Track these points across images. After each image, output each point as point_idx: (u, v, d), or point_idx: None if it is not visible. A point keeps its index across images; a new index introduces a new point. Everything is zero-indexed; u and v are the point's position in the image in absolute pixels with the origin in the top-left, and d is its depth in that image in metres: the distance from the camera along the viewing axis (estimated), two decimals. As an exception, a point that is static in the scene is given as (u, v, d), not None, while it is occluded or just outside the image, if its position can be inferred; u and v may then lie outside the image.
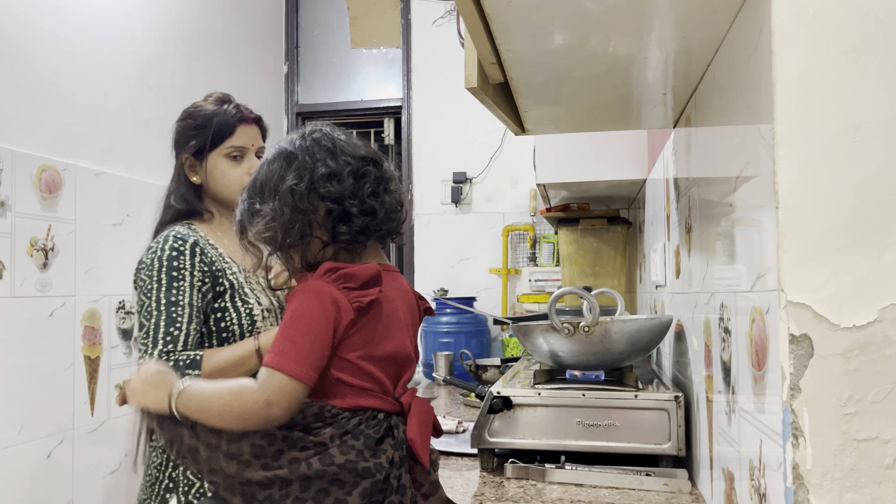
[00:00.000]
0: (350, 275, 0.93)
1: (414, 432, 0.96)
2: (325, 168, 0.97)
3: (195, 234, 1.45)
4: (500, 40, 0.97)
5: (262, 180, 1.00)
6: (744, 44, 0.82)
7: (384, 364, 0.97)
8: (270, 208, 0.97)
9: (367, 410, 0.94)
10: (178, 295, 1.38)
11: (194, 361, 1.35)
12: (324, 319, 0.91)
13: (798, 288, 0.66)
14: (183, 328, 1.37)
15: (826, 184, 0.66)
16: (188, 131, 1.50)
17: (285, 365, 0.89)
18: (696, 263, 1.20)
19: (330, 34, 3.73)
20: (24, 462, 1.89)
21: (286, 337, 0.91)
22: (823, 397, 0.65)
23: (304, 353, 0.90)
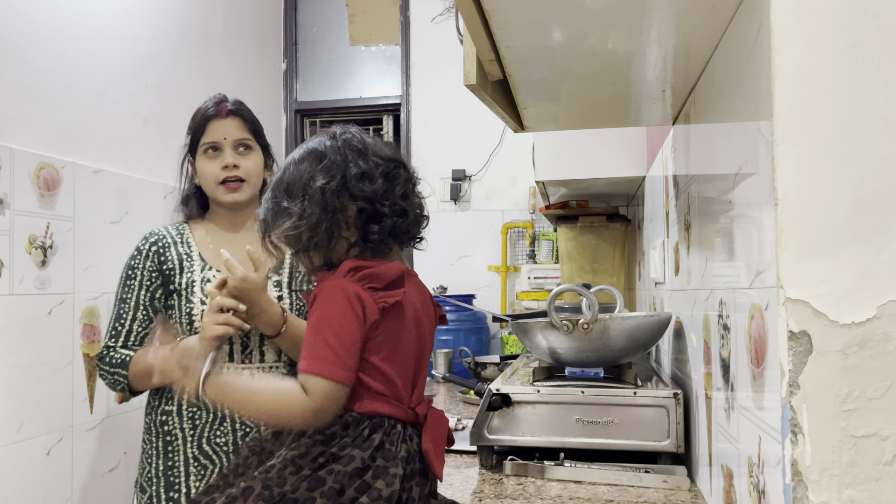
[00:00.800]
0: (375, 275, 0.92)
1: (429, 443, 0.95)
2: (357, 168, 0.96)
3: (167, 234, 1.53)
4: (498, 37, 0.96)
5: (289, 179, 0.99)
6: (743, 40, 0.81)
7: (402, 368, 0.97)
8: (299, 208, 0.95)
9: (383, 418, 0.93)
10: (128, 293, 1.50)
11: (123, 363, 1.45)
12: (355, 319, 0.90)
13: (797, 284, 0.66)
14: (126, 325, 1.48)
15: (825, 180, 0.66)
16: (186, 135, 1.57)
17: (329, 371, 0.88)
18: (695, 260, 1.20)
19: (329, 31, 3.72)
20: (24, 460, 1.89)
21: (322, 340, 0.90)
22: (822, 394, 0.65)
23: (342, 354, 0.89)
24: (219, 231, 1.57)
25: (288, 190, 0.98)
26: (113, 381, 1.48)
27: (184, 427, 1.46)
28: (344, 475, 0.88)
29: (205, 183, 1.54)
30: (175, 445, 1.46)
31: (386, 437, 0.92)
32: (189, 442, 1.45)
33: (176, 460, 1.45)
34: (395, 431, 0.94)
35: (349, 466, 0.89)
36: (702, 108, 1.13)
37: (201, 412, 1.46)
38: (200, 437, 1.45)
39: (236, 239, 1.56)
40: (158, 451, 1.47)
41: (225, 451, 1.44)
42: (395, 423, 0.95)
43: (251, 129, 1.57)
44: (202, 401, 0.95)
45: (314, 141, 1.02)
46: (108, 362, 1.47)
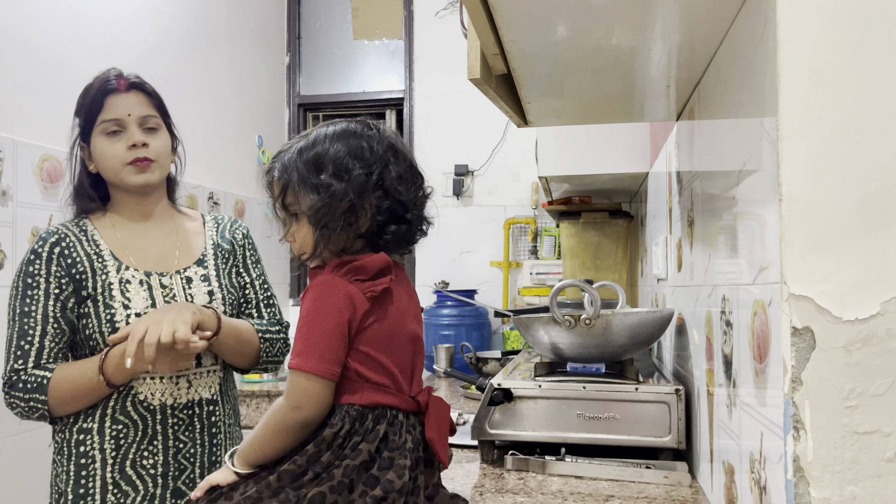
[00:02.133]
0: (360, 267, 0.93)
1: (433, 432, 0.96)
2: (396, 168, 0.97)
3: (66, 233, 1.33)
4: (503, 31, 0.96)
5: (321, 153, 0.96)
6: (748, 35, 0.81)
7: (400, 357, 0.97)
8: (334, 186, 0.93)
9: (385, 408, 0.94)
10: (31, 305, 1.27)
11: (40, 385, 1.24)
12: (336, 313, 0.90)
13: (801, 281, 0.66)
14: (35, 342, 1.26)
15: (830, 176, 0.66)
16: (74, 115, 1.37)
17: (305, 364, 0.89)
18: (698, 257, 1.20)
19: (332, 25, 3.72)
20: (26, 452, 1.89)
21: (301, 336, 0.90)
22: (825, 390, 0.65)
23: (321, 348, 0.89)
24: (126, 223, 1.39)
25: (319, 163, 0.95)
26: (27, 409, 1.26)
27: (104, 448, 1.27)
28: (353, 469, 0.88)
29: (107, 166, 1.35)
30: (91, 469, 1.27)
31: (390, 427, 0.93)
32: (109, 465, 1.27)
33: (91, 487, 1.27)
34: (398, 422, 0.94)
35: (357, 460, 0.89)
36: (706, 103, 1.12)
37: (128, 430, 1.28)
38: (124, 460, 1.28)
39: (148, 230, 1.40)
40: (70, 475, 1.28)
41: (152, 475, 1.28)
42: (398, 412, 0.95)
43: (156, 105, 1.39)
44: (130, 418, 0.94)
45: (349, 124, 1.00)
46: (20, 388, 1.25)
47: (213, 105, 2.90)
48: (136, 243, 1.39)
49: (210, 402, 1.37)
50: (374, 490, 0.87)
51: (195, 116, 2.77)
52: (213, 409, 1.38)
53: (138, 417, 1.30)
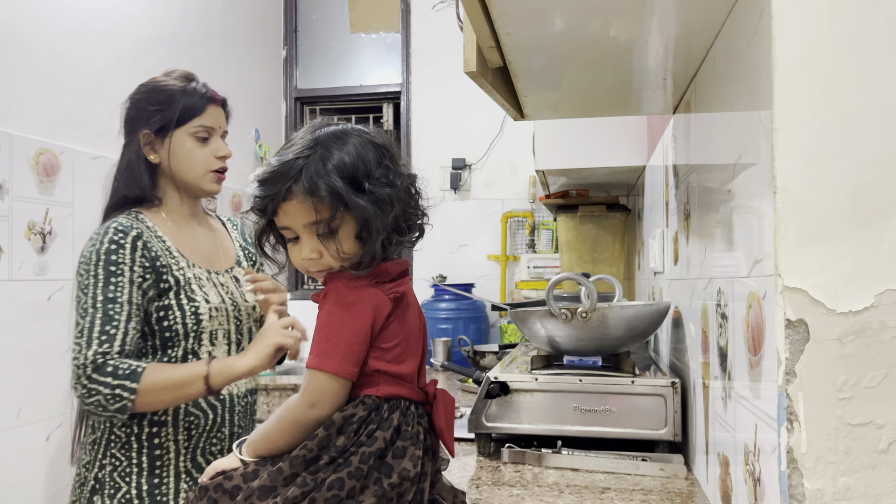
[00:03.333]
0: (382, 271, 0.94)
1: (441, 421, 0.97)
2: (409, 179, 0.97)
3: (140, 226, 1.35)
4: (499, 24, 0.96)
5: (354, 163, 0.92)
6: (744, 28, 0.81)
7: (413, 352, 0.98)
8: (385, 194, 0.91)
9: (400, 399, 0.95)
10: (116, 291, 1.28)
11: (133, 373, 1.23)
12: (361, 317, 0.91)
13: (795, 273, 0.66)
14: (121, 327, 1.27)
15: (824, 169, 0.66)
16: (150, 106, 1.38)
17: (325, 363, 0.89)
18: (695, 250, 1.20)
19: (329, 18, 3.71)
20: (23, 445, 1.89)
21: (324, 336, 0.91)
22: (819, 382, 0.65)
23: (341, 348, 0.90)
24: (178, 220, 1.44)
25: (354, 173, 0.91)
26: (109, 397, 1.23)
27: (178, 438, 1.33)
28: (369, 455, 0.89)
29: (188, 167, 1.40)
30: (166, 460, 1.32)
31: (403, 417, 0.94)
32: (182, 454, 1.34)
33: (165, 476, 1.32)
34: (410, 412, 0.95)
35: (373, 447, 0.90)
36: (702, 96, 1.12)
37: (200, 420, 1.35)
38: (195, 448, 1.35)
39: (194, 229, 1.46)
40: (143, 467, 1.31)
41: None
42: (410, 403, 0.96)
43: (228, 121, 1.52)
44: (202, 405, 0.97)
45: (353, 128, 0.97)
46: (110, 373, 1.23)
47: (210, 98, 2.90)
48: (190, 241, 1.45)
49: (256, 391, 1.52)
50: (389, 478, 0.89)
51: (192, 110, 2.77)
52: (256, 396, 1.52)
53: (209, 407, 1.37)
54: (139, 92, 1.41)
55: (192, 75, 1.44)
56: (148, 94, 1.40)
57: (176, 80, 1.42)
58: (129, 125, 1.42)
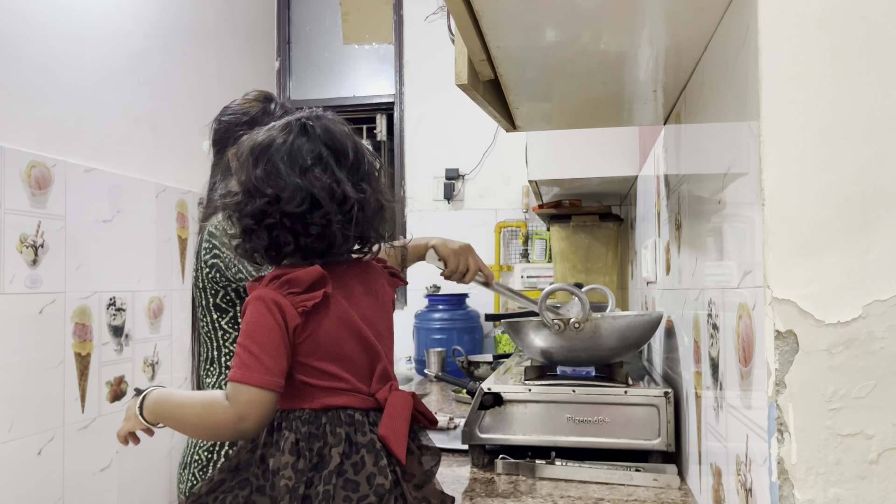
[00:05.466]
0: (293, 280, 0.92)
1: (385, 428, 0.95)
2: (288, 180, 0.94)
3: None
4: (489, 37, 0.97)
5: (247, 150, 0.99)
6: (731, 41, 0.82)
7: (349, 363, 0.97)
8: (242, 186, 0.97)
9: (338, 410, 0.94)
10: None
11: None
12: (275, 324, 0.90)
13: (783, 284, 0.66)
14: None
15: (812, 181, 0.66)
16: (237, 127, 1.49)
17: (249, 377, 0.89)
18: (686, 260, 1.20)
19: (322, 30, 3.72)
20: (15, 459, 1.88)
21: (244, 349, 0.90)
22: (808, 393, 0.65)
23: (264, 361, 0.89)
24: None
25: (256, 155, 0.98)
26: None
27: None
28: (330, 476, 0.89)
29: None
30: None
31: (350, 428, 0.93)
32: None
33: None
34: (356, 421, 0.94)
35: (332, 465, 0.89)
36: (692, 108, 1.13)
37: None
38: None
39: None
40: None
41: None
42: (354, 412, 0.95)
43: None
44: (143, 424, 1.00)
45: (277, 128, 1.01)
46: None
47: (203, 110, 2.90)
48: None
49: None
50: (357, 493, 0.88)
51: (184, 122, 2.77)
52: None
53: None
54: (224, 113, 1.53)
55: (270, 95, 1.55)
56: (234, 115, 1.52)
57: (255, 101, 1.53)
58: (217, 145, 1.53)
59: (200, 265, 1.45)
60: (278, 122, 1.02)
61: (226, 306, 1.45)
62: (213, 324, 1.46)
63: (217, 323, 1.46)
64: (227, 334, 1.45)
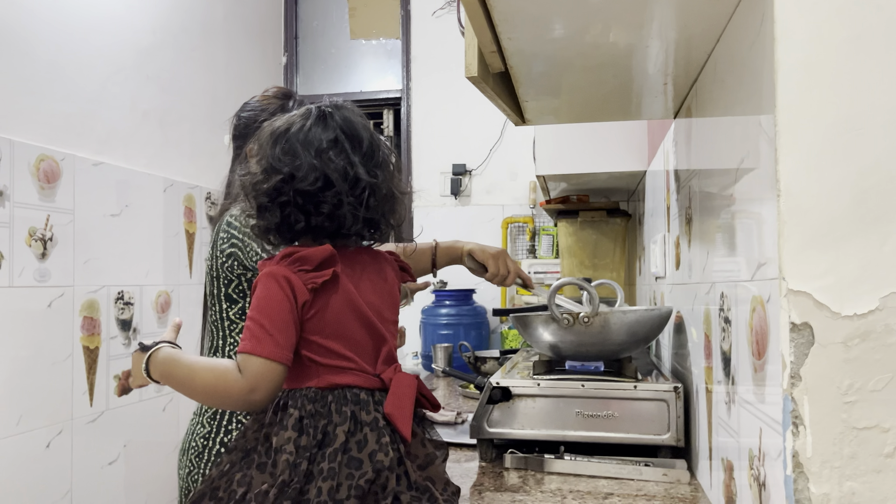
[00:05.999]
0: (304, 257, 0.95)
1: (391, 407, 0.96)
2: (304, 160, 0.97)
3: None
4: (500, 28, 0.96)
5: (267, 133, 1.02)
6: (745, 32, 0.81)
7: (354, 342, 0.98)
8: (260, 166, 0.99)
9: (344, 389, 0.95)
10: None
11: None
12: (286, 301, 0.92)
13: (799, 276, 0.66)
14: None
15: (827, 172, 0.66)
16: (254, 123, 1.52)
17: (260, 348, 0.90)
18: (697, 254, 1.20)
19: (329, 25, 3.72)
20: (23, 452, 1.89)
21: (255, 322, 0.92)
22: (824, 386, 0.65)
23: (274, 334, 0.91)
24: None
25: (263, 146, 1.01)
26: None
27: None
28: (334, 454, 0.89)
29: None
30: None
31: (356, 406, 0.94)
32: None
33: None
34: (362, 400, 0.95)
35: (336, 443, 0.90)
36: (703, 101, 1.12)
37: None
38: None
39: None
40: None
41: None
42: (360, 391, 0.96)
43: None
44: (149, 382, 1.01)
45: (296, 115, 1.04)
46: None
47: (210, 105, 2.90)
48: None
49: None
50: (360, 469, 0.89)
51: (192, 116, 2.77)
52: None
53: None
54: (244, 109, 1.56)
55: (290, 92, 1.58)
56: (252, 111, 1.54)
57: (274, 98, 1.55)
58: (237, 140, 1.55)
59: (216, 254, 1.46)
60: (299, 110, 1.05)
61: (236, 297, 1.45)
62: (222, 314, 1.47)
63: (225, 313, 1.47)
64: (234, 325, 1.46)
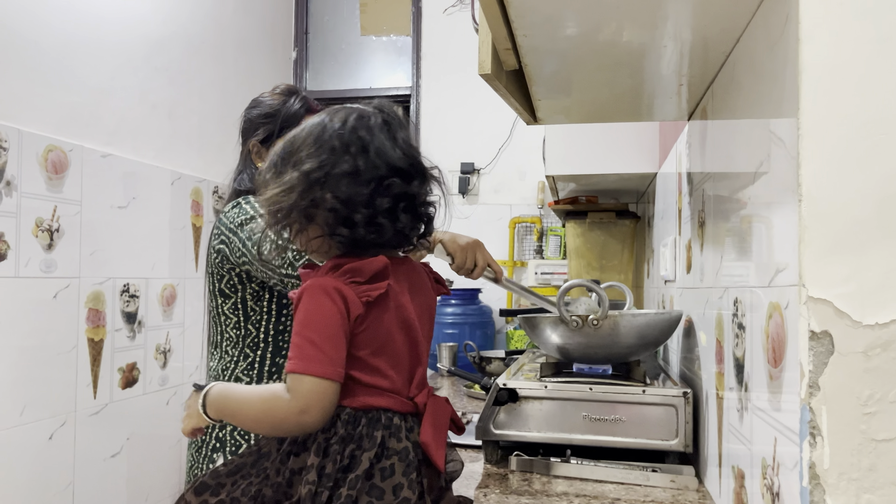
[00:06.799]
0: (356, 269, 0.89)
1: (427, 435, 0.92)
2: (348, 165, 0.90)
3: None
4: (516, 25, 0.95)
5: (289, 148, 0.94)
6: (767, 33, 0.80)
7: (396, 361, 0.94)
8: (287, 180, 0.91)
9: (379, 411, 0.91)
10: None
11: None
12: (337, 314, 0.87)
13: (820, 283, 0.64)
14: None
15: (851, 177, 0.64)
16: (257, 120, 1.55)
17: (310, 367, 0.85)
18: (709, 258, 1.18)
19: (339, 20, 3.70)
20: (26, 443, 1.88)
21: (303, 338, 0.86)
22: (843, 396, 0.63)
23: (326, 350, 0.86)
24: None
25: (286, 156, 0.94)
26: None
27: None
28: (356, 480, 0.85)
29: None
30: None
31: (386, 431, 0.90)
32: None
33: None
34: (394, 425, 0.91)
35: (359, 470, 0.86)
36: (720, 103, 1.11)
37: None
38: None
39: None
40: None
41: None
42: (394, 415, 0.92)
43: None
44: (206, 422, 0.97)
45: (332, 112, 0.98)
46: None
47: (219, 98, 2.89)
48: None
49: None
50: (381, 501, 0.85)
51: (200, 110, 2.76)
52: None
53: None
54: (250, 107, 1.58)
55: (294, 89, 1.59)
56: (255, 108, 1.57)
57: (280, 94, 1.57)
58: (242, 136, 1.58)
59: (210, 250, 1.48)
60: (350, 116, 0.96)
61: (229, 292, 1.46)
62: (218, 309, 1.48)
63: (221, 308, 1.47)
64: (228, 319, 1.47)
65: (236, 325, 1.46)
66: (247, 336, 1.46)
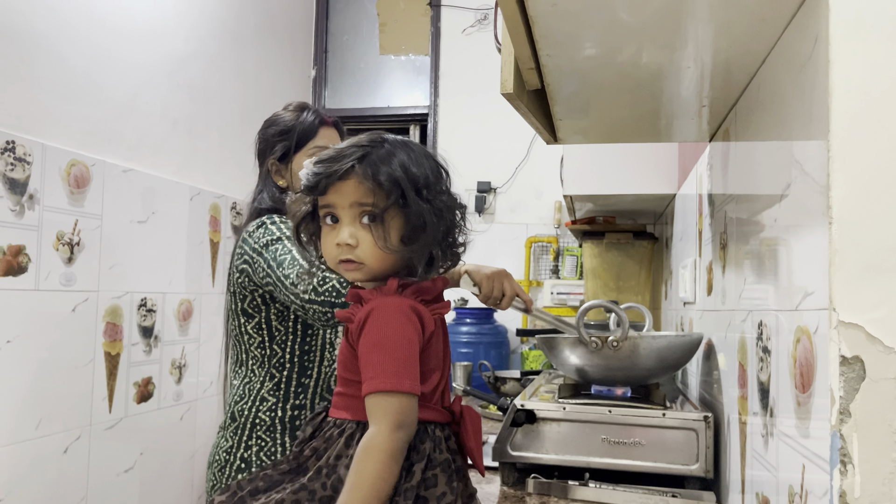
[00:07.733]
0: (424, 288, 0.93)
1: (471, 441, 0.95)
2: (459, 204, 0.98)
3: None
4: (540, 45, 0.95)
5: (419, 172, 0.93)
6: (795, 54, 0.79)
7: (442, 373, 0.96)
8: (442, 204, 0.93)
9: (425, 424, 0.92)
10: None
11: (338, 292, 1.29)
12: (414, 332, 0.88)
13: (851, 308, 0.63)
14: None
15: (883, 199, 0.63)
16: (273, 138, 1.56)
17: (400, 384, 0.85)
18: (732, 281, 1.17)
19: (359, 40, 3.73)
20: (41, 456, 1.88)
21: (384, 357, 0.86)
22: (874, 423, 0.62)
23: (409, 367, 0.87)
24: None
25: (417, 175, 0.92)
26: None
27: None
28: (411, 490, 0.86)
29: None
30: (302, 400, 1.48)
31: (431, 442, 0.91)
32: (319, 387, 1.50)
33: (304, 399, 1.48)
34: (436, 436, 0.93)
35: (413, 481, 0.87)
36: (744, 125, 1.10)
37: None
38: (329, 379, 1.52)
39: None
40: (286, 447, 1.43)
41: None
42: (435, 427, 0.93)
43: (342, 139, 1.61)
44: None
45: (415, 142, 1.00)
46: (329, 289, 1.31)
47: (239, 115, 2.92)
48: None
49: None
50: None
51: (220, 126, 2.79)
52: None
53: None
54: (263, 127, 1.59)
55: (306, 105, 1.60)
56: (270, 127, 1.58)
57: (292, 111, 1.58)
58: (259, 156, 1.59)
59: (232, 269, 1.47)
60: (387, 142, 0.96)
61: (252, 311, 1.45)
62: (241, 328, 1.48)
63: (244, 327, 1.47)
64: (252, 339, 1.47)
65: (260, 345, 1.46)
66: (272, 356, 1.46)
